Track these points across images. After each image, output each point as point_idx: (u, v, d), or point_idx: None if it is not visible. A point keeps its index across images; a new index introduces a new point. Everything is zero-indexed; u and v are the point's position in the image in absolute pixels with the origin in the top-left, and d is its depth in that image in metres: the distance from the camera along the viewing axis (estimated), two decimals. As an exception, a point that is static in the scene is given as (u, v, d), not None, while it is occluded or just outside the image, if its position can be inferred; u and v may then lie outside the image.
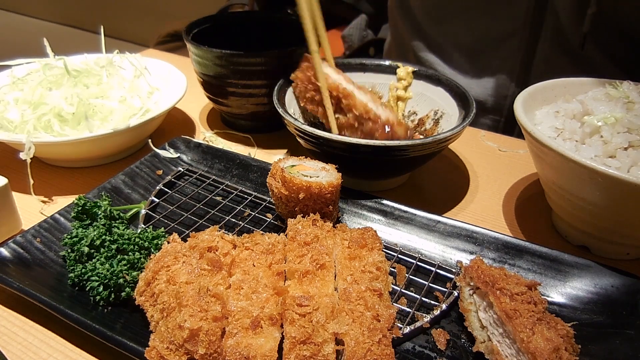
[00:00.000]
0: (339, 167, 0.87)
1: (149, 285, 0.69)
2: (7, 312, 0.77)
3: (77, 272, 0.75)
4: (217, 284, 0.67)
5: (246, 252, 0.74)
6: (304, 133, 0.94)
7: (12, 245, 0.81)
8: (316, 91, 0.99)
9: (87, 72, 1.19)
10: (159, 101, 1.21)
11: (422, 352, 0.70)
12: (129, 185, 0.99)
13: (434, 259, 0.85)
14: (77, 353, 0.71)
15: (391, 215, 0.92)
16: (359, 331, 0.62)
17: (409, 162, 0.98)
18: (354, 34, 2.08)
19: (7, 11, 5.53)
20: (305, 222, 0.78)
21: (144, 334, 0.66)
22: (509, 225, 0.99)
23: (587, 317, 0.74)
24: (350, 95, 0.98)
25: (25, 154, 0.98)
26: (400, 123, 0.99)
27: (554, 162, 0.82)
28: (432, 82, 1.13)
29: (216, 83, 1.19)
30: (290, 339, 0.61)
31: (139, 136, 1.15)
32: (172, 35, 2.29)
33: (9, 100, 1.10)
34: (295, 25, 1.34)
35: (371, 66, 1.19)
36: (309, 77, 0.99)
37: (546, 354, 0.60)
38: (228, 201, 0.98)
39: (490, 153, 1.24)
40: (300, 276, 0.68)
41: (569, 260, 0.80)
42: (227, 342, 0.62)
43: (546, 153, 0.81)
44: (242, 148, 1.23)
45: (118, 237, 0.81)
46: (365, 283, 0.68)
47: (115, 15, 4.78)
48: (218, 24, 1.32)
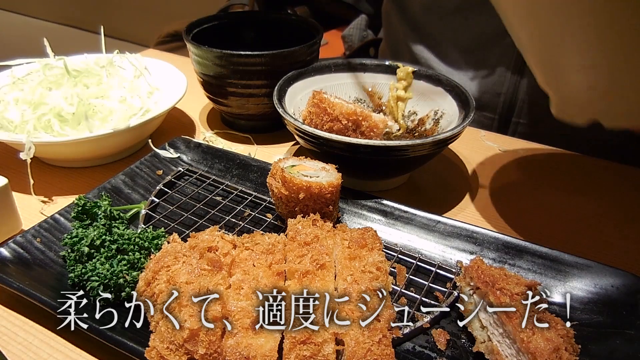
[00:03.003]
0: (339, 167, 0.87)
1: (149, 285, 0.69)
2: (7, 312, 0.77)
3: (77, 272, 0.75)
4: (217, 284, 0.67)
5: (246, 252, 0.74)
6: (304, 133, 0.94)
7: (12, 245, 0.81)
8: (333, 121, 0.99)
9: (87, 72, 1.19)
10: (159, 101, 1.21)
11: (422, 352, 0.70)
12: (129, 185, 0.99)
13: (434, 259, 0.85)
14: (77, 353, 0.71)
15: (391, 215, 0.92)
16: (359, 331, 0.62)
17: (409, 162, 0.98)
18: (354, 34, 2.08)
19: (7, 11, 5.53)
20: (305, 222, 0.78)
21: (144, 334, 0.66)
22: (509, 225, 0.99)
23: (587, 317, 0.74)
24: (368, 116, 0.99)
25: (25, 154, 0.98)
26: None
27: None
28: (432, 82, 1.13)
29: (216, 83, 1.19)
30: (290, 339, 0.61)
31: (139, 136, 1.15)
32: (172, 35, 2.29)
33: (9, 100, 1.10)
34: (295, 25, 1.35)
35: (371, 66, 1.19)
36: (324, 109, 1.00)
37: (546, 354, 0.60)
38: (228, 201, 0.98)
39: (490, 153, 1.24)
40: (300, 276, 0.68)
41: (569, 260, 0.80)
42: (227, 342, 0.62)
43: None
44: (242, 148, 1.23)
45: (118, 237, 0.80)
46: (365, 283, 0.68)
47: (115, 15, 4.78)
48: (218, 24, 1.32)
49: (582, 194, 1.09)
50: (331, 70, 1.18)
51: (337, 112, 0.98)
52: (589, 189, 1.10)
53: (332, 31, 2.30)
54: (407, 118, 1.17)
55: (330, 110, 0.99)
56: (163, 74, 1.29)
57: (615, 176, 1.15)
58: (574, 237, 0.96)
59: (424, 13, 1.44)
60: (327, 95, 1.03)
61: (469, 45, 1.38)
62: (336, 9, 2.19)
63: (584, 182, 1.13)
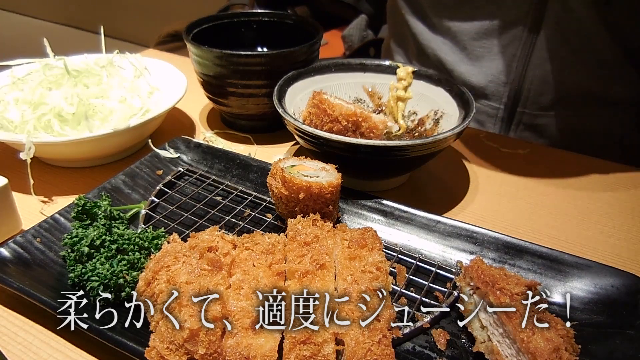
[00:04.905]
0: (339, 167, 0.87)
1: (149, 285, 0.69)
2: (7, 312, 0.77)
3: (77, 272, 0.75)
4: (217, 284, 0.67)
5: (246, 252, 0.74)
6: (304, 133, 0.94)
7: (12, 245, 0.81)
8: (333, 122, 0.99)
9: (87, 72, 1.19)
10: (159, 101, 1.21)
11: (422, 352, 0.70)
12: (129, 185, 0.99)
13: (434, 259, 0.85)
14: (77, 353, 0.71)
15: (391, 215, 0.92)
16: (359, 331, 0.62)
17: (409, 162, 0.98)
18: (354, 34, 2.08)
19: (7, 11, 5.53)
20: (305, 222, 0.78)
21: (144, 334, 0.66)
22: (509, 225, 0.99)
23: (587, 317, 0.74)
24: (368, 117, 0.99)
25: (25, 154, 0.98)
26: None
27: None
28: (432, 82, 1.13)
29: (216, 83, 1.19)
30: (290, 339, 0.61)
31: (139, 136, 1.15)
32: (172, 35, 2.29)
33: (9, 100, 1.10)
34: (295, 25, 1.34)
35: (371, 66, 1.19)
36: (323, 110, 1.00)
37: (546, 354, 0.60)
38: (228, 201, 0.98)
39: (490, 153, 1.24)
40: (300, 276, 0.68)
41: (569, 260, 0.80)
42: (227, 342, 0.62)
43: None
44: (242, 148, 1.23)
45: (118, 237, 0.80)
46: (365, 283, 0.68)
47: (115, 15, 4.78)
48: (218, 24, 1.32)
49: (583, 193, 1.09)
50: (331, 70, 1.19)
51: (337, 113, 0.98)
52: (589, 189, 1.10)
53: (332, 31, 2.30)
54: (407, 118, 1.17)
55: (330, 111, 0.99)
56: (163, 74, 1.29)
57: (615, 176, 1.15)
58: (574, 237, 0.96)
59: (431, 3, 1.44)
60: (327, 95, 1.03)
61: (476, 35, 1.38)
62: (336, 9, 2.19)
63: (584, 182, 1.13)
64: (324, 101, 1.00)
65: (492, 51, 1.38)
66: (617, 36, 1.24)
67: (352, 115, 0.98)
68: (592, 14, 1.21)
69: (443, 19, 1.43)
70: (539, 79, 1.32)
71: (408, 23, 1.54)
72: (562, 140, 1.35)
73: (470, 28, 1.38)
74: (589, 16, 1.22)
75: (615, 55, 1.27)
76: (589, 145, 1.29)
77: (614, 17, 1.22)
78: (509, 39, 1.33)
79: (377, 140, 0.93)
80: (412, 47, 1.56)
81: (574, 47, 1.27)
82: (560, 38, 1.27)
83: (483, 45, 1.38)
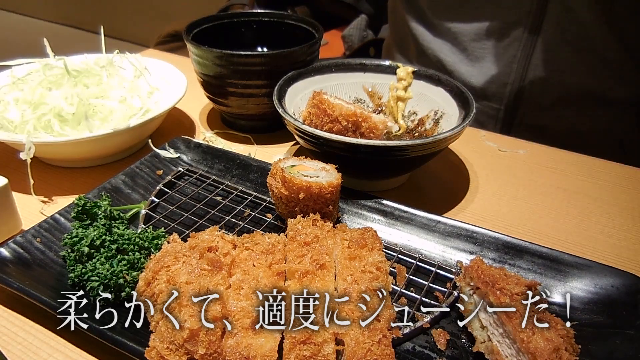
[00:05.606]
0: (339, 167, 0.87)
1: (149, 285, 0.69)
2: (7, 312, 0.77)
3: (77, 272, 0.75)
4: (217, 284, 0.67)
5: (246, 252, 0.74)
6: (304, 133, 0.94)
7: (12, 245, 0.81)
8: (333, 122, 0.99)
9: (87, 72, 1.19)
10: (159, 101, 1.21)
11: (422, 352, 0.70)
12: (129, 185, 0.99)
13: (434, 259, 0.85)
14: (77, 353, 0.71)
15: (391, 215, 0.92)
16: (359, 331, 0.62)
17: (409, 162, 0.98)
18: (354, 34, 2.08)
19: (7, 11, 5.53)
20: (305, 222, 0.78)
21: (144, 334, 0.66)
22: (509, 225, 0.99)
23: (587, 317, 0.74)
24: (368, 117, 0.99)
25: (25, 154, 0.98)
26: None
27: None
28: (432, 82, 1.13)
29: (216, 83, 1.19)
30: (290, 339, 0.61)
31: (139, 136, 1.15)
32: (172, 35, 2.29)
33: (9, 100, 1.10)
34: (295, 25, 1.34)
35: (371, 66, 1.19)
36: (323, 110, 1.00)
37: (546, 354, 0.60)
38: (228, 201, 0.98)
39: (490, 153, 1.24)
40: (300, 276, 0.68)
41: (569, 260, 0.80)
42: (227, 342, 0.62)
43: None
44: (242, 148, 1.23)
45: (118, 237, 0.80)
46: (365, 283, 0.68)
47: (115, 15, 4.78)
48: (218, 24, 1.32)
49: (583, 194, 1.09)
50: (331, 70, 1.19)
51: (337, 113, 0.98)
52: (589, 189, 1.10)
53: (332, 31, 2.30)
54: (407, 118, 1.17)
55: (330, 111, 0.99)
56: (163, 74, 1.29)
57: (615, 176, 1.15)
58: (574, 237, 0.96)
59: (431, 4, 1.45)
60: (327, 96, 1.03)
61: (476, 36, 1.38)
62: (336, 9, 2.19)
63: (584, 182, 1.13)
64: (324, 101, 1.00)
65: (492, 52, 1.38)
66: (617, 36, 1.25)
67: (352, 116, 0.98)
68: (592, 15, 1.21)
69: (443, 20, 1.43)
70: (539, 80, 1.32)
71: (408, 24, 1.54)
72: (562, 140, 1.35)
73: (470, 29, 1.38)
74: (589, 17, 1.22)
75: (615, 55, 1.27)
76: (589, 145, 1.29)
77: (614, 17, 1.22)
78: (509, 40, 1.33)
79: (377, 140, 0.93)
80: (413, 48, 1.56)
81: (574, 47, 1.27)
82: (561, 39, 1.27)
83: (483, 47, 1.39)
